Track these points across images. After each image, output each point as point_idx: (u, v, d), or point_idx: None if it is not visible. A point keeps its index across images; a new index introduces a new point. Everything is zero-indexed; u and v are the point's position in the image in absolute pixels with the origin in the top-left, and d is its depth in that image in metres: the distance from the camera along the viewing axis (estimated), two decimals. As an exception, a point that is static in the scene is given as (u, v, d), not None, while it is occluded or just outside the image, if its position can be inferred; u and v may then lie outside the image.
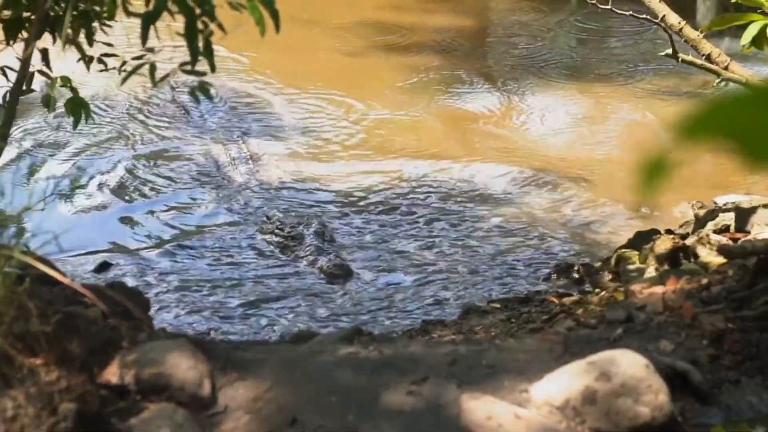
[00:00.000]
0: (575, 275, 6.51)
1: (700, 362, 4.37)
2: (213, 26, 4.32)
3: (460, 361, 4.20)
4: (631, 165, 8.34)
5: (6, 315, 3.65)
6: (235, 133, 8.81)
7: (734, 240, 5.73)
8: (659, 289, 4.91)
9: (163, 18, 4.34)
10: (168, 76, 4.54)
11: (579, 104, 9.59)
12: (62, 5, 4.64)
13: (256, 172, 8.14)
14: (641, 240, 6.34)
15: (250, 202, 7.74)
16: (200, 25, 4.31)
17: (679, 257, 5.88)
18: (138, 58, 4.59)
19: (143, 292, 5.17)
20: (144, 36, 4.34)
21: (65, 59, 4.89)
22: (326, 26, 11.11)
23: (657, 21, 8.50)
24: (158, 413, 3.83)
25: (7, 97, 4.81)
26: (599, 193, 7.92)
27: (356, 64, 10.30)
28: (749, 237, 5.71)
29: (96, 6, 4.66)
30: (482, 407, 3.89)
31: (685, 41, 8.50)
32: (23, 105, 6.15)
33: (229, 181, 8.01)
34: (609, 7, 8.73)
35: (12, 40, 4.84)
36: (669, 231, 6.42)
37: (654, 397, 3.94)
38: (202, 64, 4.40)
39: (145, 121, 8.99)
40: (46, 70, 4.97)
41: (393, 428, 3.84)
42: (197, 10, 4.28)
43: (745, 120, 1.24)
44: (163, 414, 3.82)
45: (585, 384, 3.95)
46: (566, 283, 6.49)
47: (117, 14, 4.66)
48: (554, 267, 6.74)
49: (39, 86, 5.03)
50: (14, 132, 7.71)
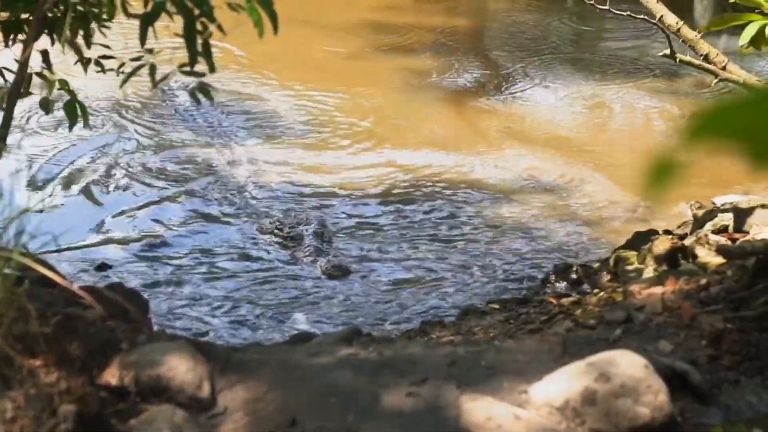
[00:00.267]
0: (573, 276, 6.50)
1: (700, 362, 4.36)
2: (212, 27, 4.32)
3: (460, 362, 4.20)
4: (630, 165, 8.35)
5: (6, 316, 3.65)
6: (233, 133, 8.81)
7: (733, 240, 5.72)
8: (658, 290, 4.90)
9: (162, 19, 4.34)
10: (167, 78, 4.53)
11: (578, 104, 9.59)
12: (61, 7, 4.63)
13: (254, 172, 8.14)
14: (639, 240, 6.33)
15: (249, 202, 7.74)
16: (199, 26, 4.31)
17: (678, 258, 5.88)
18: (136, 59, 4.58)
19: (142, 294, 5.17)
20: (143, 37, 4.33)
21: (64, 61, 4.89)
22: (324, 27, 11.11)
23: (655, 21, 8.51)
24: (158, 415, 3.83)
25: (6, 99, 4.80)
26: (597, 194, 7.92)
27: (354, 65, 10.30)
28: (748, 237, 5.70)
29: (94, 7, 4.65)
30: (482, 408, 3.89)
31: (683, 41, 8.52)
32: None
33: (228, 181, 8.01)
34: (606, 8, 8.74)
35: (10, 42, 4.83)
36: (667, 231, 6.42)
37: (653, 398, 3.94)
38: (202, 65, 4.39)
39: (144, 122, 8.98)
40: (46, 73, 4.95)
41: (393, 429, 3.84)
42: (196, 11, 4.28)
43: (751, 122, 1.24)
44: (163, 415, 3.82)
45: (584, 385, 3.95)
46: (565, 284, 6.48)
47: (116, 15, 4.66)
48: (552, 268, 6.73)
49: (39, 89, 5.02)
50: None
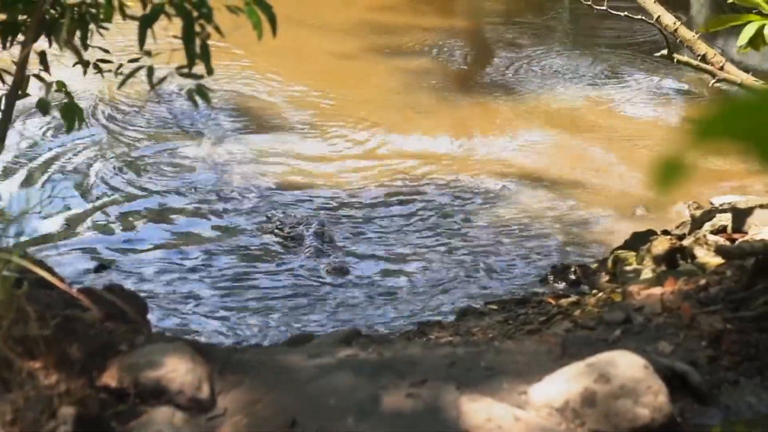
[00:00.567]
0: (572, 276, 6.50)
1: (699, 363, 4.36)
2: (210, 29, 4.32)
3: (459, 363, 4.19)
4: (629, 165, 8.35)
5: (5, 319, 3.64)
6: (231, 134, 8.81)
7: (731, 241, 5.72)
8: (657, 290, 4.90)
9: (161, 20, 4.34)
10: (165, 79, 4.53)
11: (576, 104, 9.59)
12: (59, 9, 4.63)
13: (253, 172, 8.13)
14: (638, 241, 6.33)
15: (248, 203, 7.73)
16: (197, 28, 4.30)
17: (677, 258, 5.88)
18: (134, 61, 4.58)
19: (140, 295, 5.16)
20: (141, 39, 4.33)
21: (62, 63, 4.88)
22: (321, 27, 11.11)
23: (652, 22, 8.52)
24: (157, 416, 3.82)
25: (4, 101, 4.79)
26: (596, 194, 7.92)
27: (351, 65, 10.30)
28: (746, 237, 5.71)
29: (92, 9, 4.65)
30: (481, 409, 3.88)
31: (680, 41, 8.52)
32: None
33: (226, 181, 8.00)
34: (604, 8, 8.74)
35: (8, 44, 4.83)
36: (666, 232, 6.42)
37: (653, 398, 3.93)
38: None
39: (139, 122, 8.98)
40: (44, 74, 4.95)
41: (392, 430, 3.83)
42: (194, 13, 4.27)
43: (757, 123, 1.24)
44: (163, 417, 3.82)
45: (584, 386, 3.95)
46: (563, 285, 6.48)
47: (113, 17, 4.65)
48: (551, 268, 6.73)
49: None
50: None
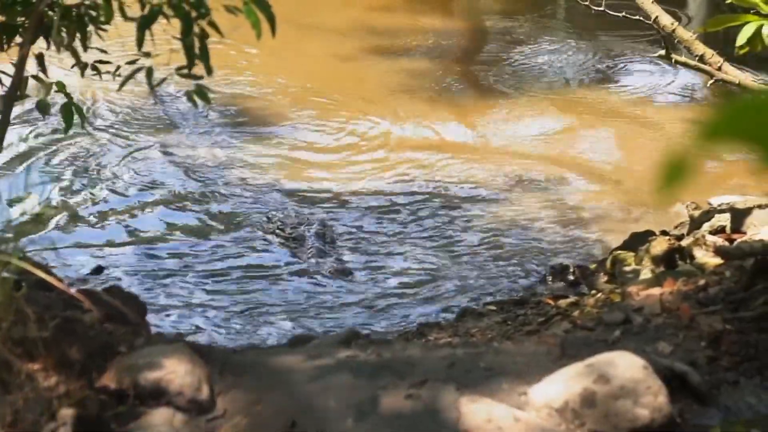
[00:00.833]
0: (570, 277, 6.50)
1: (699, 363, 4.36)
2: (209, 29, 4.32)
3: (458, 364, 4.19)
4: (628, 165, 8.35)
5: (4, 320, 3.64)
6: (228, 134, 8.81)
7: (730, 241, 5.72)
8: (656, 291, 4.90)
9: (159, 21, 4.33)
10: (165, 80, 4.52)
11: (574, 105, 9.59)
12: (57, 10, 4.62)
13: (252, 173, 8.13)
14: (636, 241, 6.33)
15: (248, 203, 7.72)
16: (196, 29, 4.30)
17: (675, 258, 5.88)
18: (133, 62, 4.57)
19: (139, 296, 5.15)
20: (140, 40, 4.33)
21: (61, 65, 4.88)
22: (318, 28, 11.10)
23: (650, 22, 8.51)
24: (157, 418, 3.82)
25: (2, 102, 4.79)
26: (594, 194, 7.92)
27: (349, 66, 10.30)
28: (745, 238, 5.71)
29: (91, 10, 4.64)
30: (481, 410, 3.88)
31: (678, 42, 8.52)
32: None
33: (225, 182, 8.00)
34: (602, 9, 8.74)
35: (6, 45, 4.82)
36: (664, 232, 6.41)
37: (653, 399, 3.93)
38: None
39: (135, 123, 8.98)
40: (42, 76, 4.95)
41: (392, 431, 3.83)
42: (193, 14, 4.27)
43: (762, 123, 1.24)
44: (162, 419, 3.82)
45: (584, 386, 3.94)
46: (562, 285, 6.48)
47: (113, 18, 4.64)
48: (549, 269, 6.73)
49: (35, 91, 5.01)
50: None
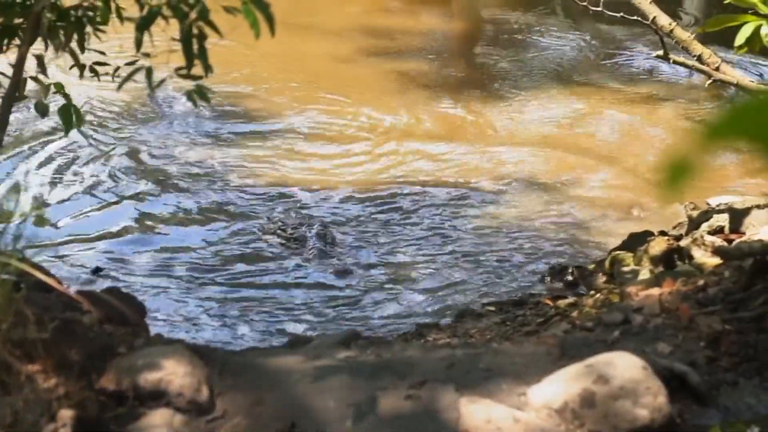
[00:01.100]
0: (569, 277, 6.49)
1: (698, 364, 4.36)
2: (208, 29, 4.31)
3: (458, 365, 4.19)
4: (626, 165, 8.35)
5: (4, 322, 3.64)
6: (227, 134, 8.81)
7: (729, 241, 5.72)
8: (655, 291, 4.90)
9: (157, 21, 4.33)
10: (164, 81, 4.52)
11: (572, 105, 9.58)
12: (55, 12, 4.62)
13: (251, 174, 8.12)
14: (635, 241, 6.33)
15: (248, 204, 7.72)
16: (195, 30, 4.29)
17: (674, 259, 5.88)
18: (131, 63, 4.56)
19: (138, 297, 5.15)
20: (139, 41, 4.32)
21: (60, 65, 4.87)
22: (316, 30, 11.10)
23: (648, 23, 8.53)
24: (156, 419, 3.82)
25: (1, 104, 4.78)
26: (592, 195, 7.91)
27: (347, 67, 10.29)
28: (744, 238, 5.71)
29: (90, 12, 4.64)
30: (481, 411, 3.88)
31: (676, 42, 8.54)
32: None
33: (224, 182, 7.99)
34: (600, 9, 8.75)
35: (5, 47, 4.82)
36: (663, 232, 6.41)
37: (652, 399, 3.93)
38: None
39: (133, 124, 8.97)
40: (40, 77, 4.94)
41: (392, 432, 3.83)
42: (192, 15, 4.27)
43: (765, 123, 1.24)
44: (161, 420, 3.82)
45: (583, 387, 3.94)
46: (560, 286, 6.48)
47: (110, 19, 4.64)
48: (548, 269, 6.73)
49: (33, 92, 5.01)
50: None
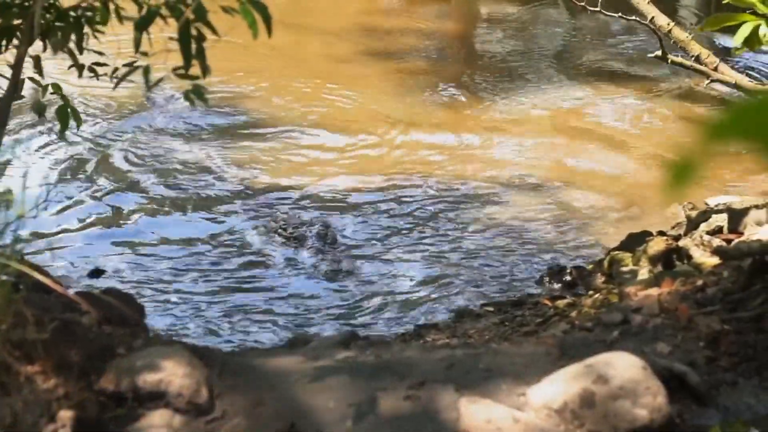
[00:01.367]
0: (567, 278, 6.49)
1: (697, 364, 4.36)
2: (206, 30, 4.31)
3: (457, 365, 4.19)
4: (624, 165, 8.36)
5: (3, 323, 3.64)
6: (229, 135, 8.80)
7: (727, 241, 5.73)
8: (654, 291, 4.91)
9: (156, 22, 4.33)
10: (162, 80, 4.52)
11: (570, 105, 9.58)
12: (53, 12, 4.61)
13: (251, 174, 8.12)
14: (633, 242, 6.34)
15: (248, 203, 7.71)
16: (193, 31, 4.29)
17: (673, 259, 5.88)
18: (129, 64, 4.56)
19: (137, 298, 5.14)
20: (137, 41, 4.32)
21: (60, 66, 4.86)
22: (314, 31, 11.10)
23: (646, 23, 8.53)
24: (156, 420, 3.82)
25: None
26: (591, 195, 7.91)
27: (345, 68, 10.28)
28: (743, 238, 5.71)
29: (88, 12, 4.64)
30: (481, 411, 3.88)
31: (674, 42, 8.55)
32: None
33: (226, 182, 7.98)
34: (598, 9, 8.75)
35: (4, 48, 4.81)
36: (661, 233, 6.42)
37: (652, 399, 3.94)
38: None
39: (134, 125, 8.97)
40: (37, 77, 4.94)
41: (391, 433, 3.83)
42: (191, 16, 4.26)
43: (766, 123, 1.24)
44: (161, 420, 3.81)
45: (583, 387, 3.95)
46: (559, 286, 6.48)
47: (109, 20, 4.64)
48: (546, 270, 6.72)
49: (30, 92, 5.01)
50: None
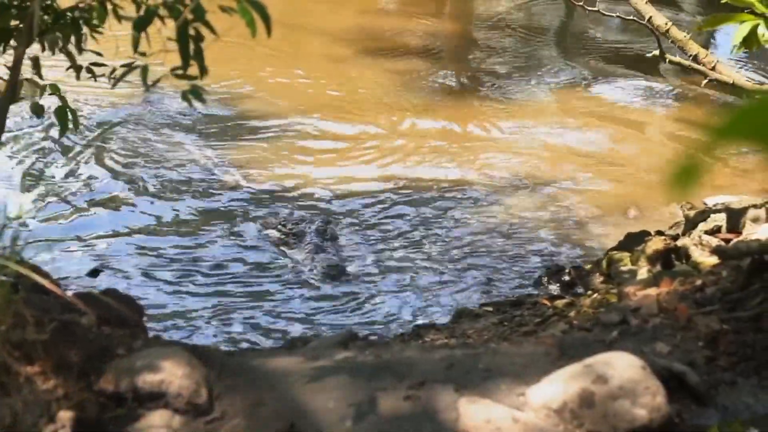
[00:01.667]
0: (566, 278, 6.49)
1: (696, 363, 4.36)
2: (204, 30, 4.30)
3: (457, 365, 4.19)
4: (623, 165, 8.36)
5: (3, 323, 3.63)
6: (224, 134, 8.80)
7: (726, 241, 5.73)
8: (653, 291, 4.90)
9: (154, 22, 4.33)
10: (159, 80, 4.51)
11: (569, 105, 9.59)
12: (51, 14, 4.61)
13: (250, 173, 8.12)
14: (632, 241, 6.34)
15: (246, 203, 7.71)
16: (191, 31, 4.29)
17: (671, 258, 5.88)
18: (127, 64, 4.56)
19: (136, 298, 5.14)
20: (136, 41, 4.32)
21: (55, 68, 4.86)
22: (313, 31, 11.10)
23: (644, 23, 8.54)
24: (155, 420, 3.82)
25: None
26: (590, 195, 7.92)
27: (344, 68, 10.29)
28: (741, 237, 5.71)
29: (86, 13, 4.63)
30: (480, 411, 3.88)
31: (672, 42, 8.56)
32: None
33: (221, 184, 7.98)
34: (596, 9, 8.76)
35: (2, 49, 4.81)
36: (660, 232, 6.42)
37: (651, 399, 3.94)
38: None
39: (132, 126, 8.96)
40: (36, 78, 4.94)
41: (391, 433, 3.83)
42: (189, 16, 4.26)
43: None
44: (160, 421, 3.81)
45: (582, 387, 3.95)
46: (557, 286, 6.48)
47: (107, 20, 4.63)
48: (545, 270, 6.73)
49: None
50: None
